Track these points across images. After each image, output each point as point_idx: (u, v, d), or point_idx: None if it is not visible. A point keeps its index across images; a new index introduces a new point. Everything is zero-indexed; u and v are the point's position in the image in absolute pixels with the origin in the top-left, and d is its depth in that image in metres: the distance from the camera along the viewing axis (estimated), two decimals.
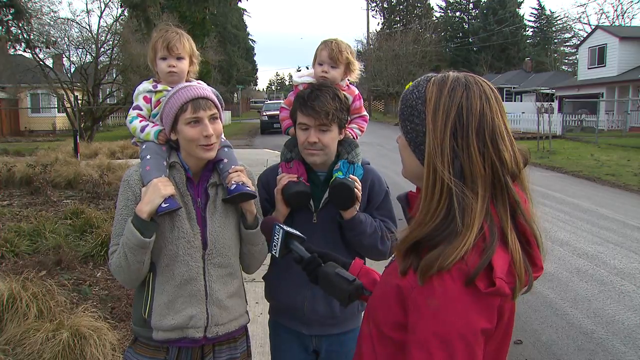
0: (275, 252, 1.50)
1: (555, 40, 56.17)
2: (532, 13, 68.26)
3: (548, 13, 56.60)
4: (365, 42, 51.87)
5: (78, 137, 14.08)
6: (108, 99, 23.49)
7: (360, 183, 1.93)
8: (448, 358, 0.96)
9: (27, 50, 17.91)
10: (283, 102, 2.14)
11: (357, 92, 2.07)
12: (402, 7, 58.46)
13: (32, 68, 20.06)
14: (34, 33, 18.05)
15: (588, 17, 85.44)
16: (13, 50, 18.08)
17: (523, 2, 57.51)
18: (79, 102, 19.49)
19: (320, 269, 1.43)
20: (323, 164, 1.97)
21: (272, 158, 12.73)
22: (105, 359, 3.13)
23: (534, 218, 1.09)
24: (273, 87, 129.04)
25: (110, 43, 20.33)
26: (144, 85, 1.88)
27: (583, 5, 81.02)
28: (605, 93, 27.58)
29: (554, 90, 33.27)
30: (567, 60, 53.99)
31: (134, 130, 1.84)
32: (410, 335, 1.02)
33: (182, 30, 1.90)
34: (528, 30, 56.24)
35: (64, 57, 21.78)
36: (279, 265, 1.97)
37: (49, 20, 19.83)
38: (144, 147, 1.81)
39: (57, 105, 24.24)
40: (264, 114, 27.27)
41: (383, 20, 59.17)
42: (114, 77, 22.43)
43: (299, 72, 2.22)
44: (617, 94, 26.97)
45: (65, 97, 19.41)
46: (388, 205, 2.04)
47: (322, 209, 1.96)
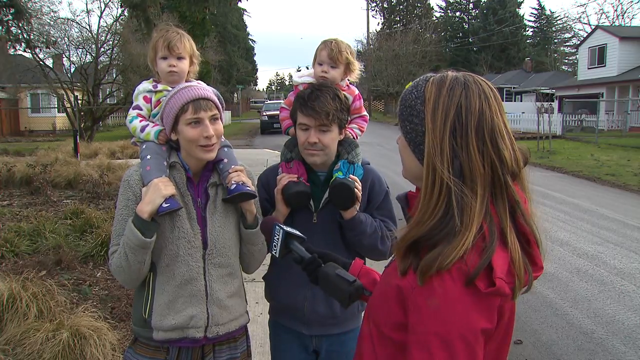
0: (275, 252, 1.50)
1: (555, 40, 56.20)
2: (532, 13, 68.39)
3: (548, 13, 56.71)
4: (365, 42, 51.97)
5: (78, 137, 14.09)
6: (108, 99, 23.50)
7: (361, 183, 1.93)
8: (449, 358, 0.96)
9: (27, 50, 17.95)
10: (283, 102, 2.14)
11: (357, 92, 2.07)
12: (402, 7, 58.47)
13: (32, 68, 20.09)
14: (34, 33, 18.08)
15: (588, 17, 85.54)
16: (13, 50, 18.10)
17: (523, 2, 57.54)
18: (79, 102, 19.48)
19: (321, 270, 1.43)
20: (323, 164, 1.97)
21: (272, 158, 12.73)
22: (105, 359, 3.13)
23: (534, 218, 1.09)
24: (273, 87, 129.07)
25: (110, 43, 20.37)
26: (144, 85, 1.88)
27: (583, 5, 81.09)
28: (605, 93, 27.58)
29: (554, 90, 33.27)
30: (567, 60, 54.02)
31: (134, 130, 1.83)
32: (411, 336, 1.02)
33: (182, 31, 1.91)
34: (528, 30, 56.29)
35: (64, 57, 21.83)
36: (279, 266, 1.96)
37: (49, 20, 19.90)
38: (144, 147, 1.80)
39: (57, 105, 24.24)
40: (264, 114, 27.27)
41: (383, 20, 59.24)
42: (114, 77, 22.44)
43: (299, 72, 2.21)
44: (617, 94, 26.96)
45: (65, 97, 19.42)
46: (388, 205, 2.04)
47: (322, 209, 1.96)
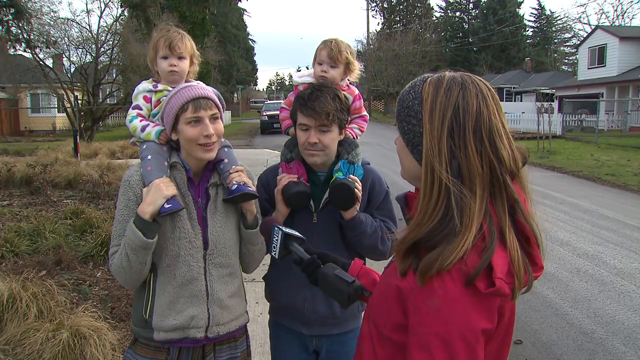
0: (275, 253, 1.50)
1: (555, 40, 56.20)
2: (532, 13, 68.38)
3: (548, 13, 56.71)
4: (365, 42, 51.96)
5: (78, 137, 14.09)
6: (108, 99, 23.51)
7: (361, 183, 1.93)
8: (449, 358, 0.96)
9: (27, 50, 17.96)
10: (283, 102, 2.14)
11: (357, 92, 2.07)
12: (402, 7, 58.48)
13: (32, 68, 20.09)
14: (34, 33, 18.08)
15: (588, 17, 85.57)
16: (13, 50, 18.10)
17: (523, 2, 57.56)
18: (79, 102, 19.48)
19: (320, 271, 1.43)
20: (323, 165, 1.97)
21: (272, 158, 12.72)
22: (105, 359, 3.13)
23: (534, 217, 1.08)
24: (273, 87, 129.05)
25: (110, 43, 20.37)
26: (144, 85, 1.88)
27: (583, 5, 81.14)
28: (605, 93, 27.59)
29: (554, 90, 33.28)
30: (567, 60, 54.01)
31: (134, 130, 1.83)
32: (411, 337, 1.02)
33: (183, 31, 1.91)
34: (528, 30, 56.30)
35: (64, 57, 21.84)
36: (279, 266, 1.96)
37: (49, 20, 19.91)
38: (145, 147, 1.80)
39: (57, 105, 24.23)
40: (264, 114, 27.26)
41: (383, 20, 59.24)
42: (114, 77, 22.45)
43: (299, 72, 2.21)
44: (617, 94, 26.97)
45: (65, 97, 19.42)
46: (388, 205, 2.04)
47: (322, 209, 1.96)
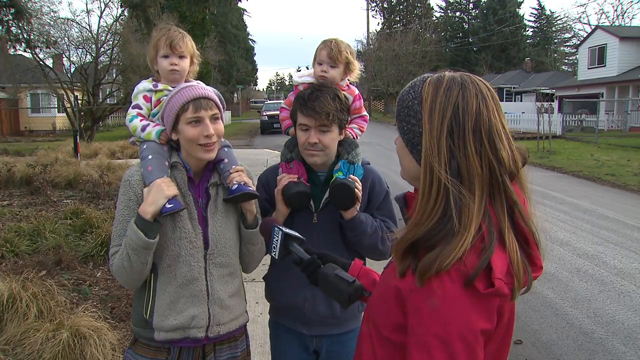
0: (275, 254, 1.50)
1: (555, 40, 56.21)
2: (532, 13, 68.41)
3: (548, 13, 56.72)
4: (365, 42, 51.97)
5: (78, 137, 14.09)
6: (108, 99, 23.51)
7: (361, 183, 1.93)
8: (449, 359, 0.96)
9: (27, 50, 17.96)
10: (283, 102, 2.14)
11: (357, 92, 2.07)
12: (402, 7, 58.48)
13: (32, 68, 20.09)
14: (34, 33, 18.07)
15: (588, 17, 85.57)
16: (13, 50, 18.09)
17: (523, 2, 57.57)
18: (79, 102, 19.48)
19: (320, 271, 1.43)
20: (323, 165, 1.97)
21: (272, 158, 12.73)
22: (105, 359, 3.13)
23: (533, 218, 1.08)
24: (273, 87, 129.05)
25: (110, 43, 20.37)
26: (144, 84, 1.87)
27: (583, 5, 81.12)
28: (605, 93, 27.59)
29: (554, 90, 33.28)
30: (567, 60, 54.03)
31: (134, 130, 1.82)
32: (410, 338, 1.02)
33: (183, 31, 1.91)
34: (528, 30, 56.31)
35: (64, 57, 21.84)
36: (279, 266, 1.96)
37: (49, 20, 19.91)
38: (145, 147, 1.80)
39: (57, 105, 24.24)
40: (264, 114, 27.25)
41: (383, 20, 59.25)
42: (114, 77, 22.44)
43: (299, 72, 2.21)
44: (617, 94, 26.97)
45: (65, 97, 19.42)
46: (388, 205, 2.04)
47: (322, 210, 1.96)
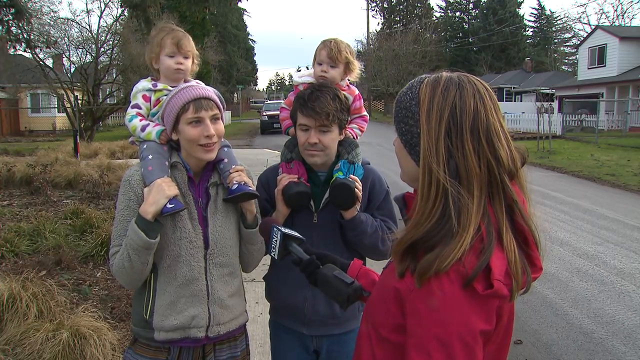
0: (274, 254, 1.50)
1: (555, 40, 56.21)
2: (532, 13, 68.45)
3: (548, 13, 56.73)
4: (365, 42, 51.98)
5: (78, 137, 14.09)
6: (108, 99, 23.51)
7: (361, 183, 1.93)
8: None
9: (27, 50, 17.96)
10: (283, 102, 2.14)
11: (357, 92, 2.07)
12: (402, 7, 58.49)
13: (32, 68, 20.11)
14: (34, 33, 18.07)
15: (588, 17, 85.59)
16: (13, 50, 18.10)
17: (523, 2, 57.55)
18: (79, 102, 19.49)
19: (319, 271, 1.43)
20: (323, 165, 1.97)
21: (272, 158, 12.73)
22: (105, 359, 3.13)
23: (533, 218, 1.08)
24: (273, 87, 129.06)
25: (110, 43, 20.38)
26: (143, 84, 1.86)
27: (583, 5, 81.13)
28: (605, 93, 27.59)
29: (554, 90, 33.28)
30: (567, 60, 54.04)
31: (134, 130, 1.82)
32: (409, 339, 1.02)
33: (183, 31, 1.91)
34: (528, 30, 56.32)
35: (64, 57, 21.85)
36: (280, 266, 1.96)
37: (49, 20, 19.93)
38: (145, 146, 1.79)
39: (57, 105, 24.25)
40: (264, 114, 27.25)
41: (383, 20, 59.27)
42: (114, 77, 22.45)
43: (299, 72, 2.21)
44: (617, 94, 26.97)
45: (65, 97, 19.43)
46: (389, 205, 2.04)
47: (322, 209, 1.96)
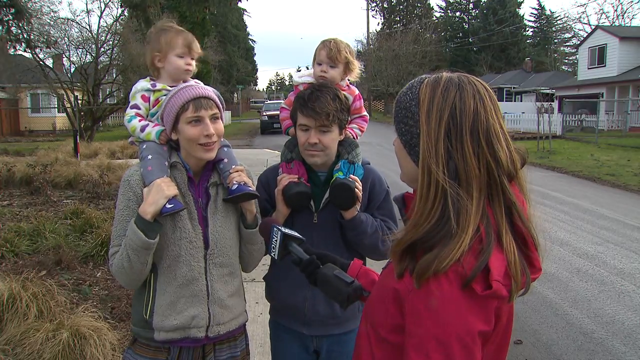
0: (274, 254, 1.50)
1: (555, 40, 56.22)
2: (532, 13, 68.49)
3: (548, 13, 56.73)
4: (365, 42, 51.97)
5: (78, 137, 14.09)
6: (108, 99, 23.52)
7: (361, 183, 1.93)
8: None
9: (27, 50, 17.96)
10: (283, 102, 2.13)
11: (357, 92, 2.06)
12: (402, 7, 58.49)
13: (32, 68, 20.12)
14: (34, 33, 18.07)
15: (588, 17, 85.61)
16: (13, 50, 18.09)
17: (523, 2, 57.54)
18: (79, 102, 19.49)
19: (319, 271, 1.43)
20: (323, 165, 1.97)
21: (272, 158, 12.73)
22: (105, 359, 3.13)
23: (532, 219, 1.08)
24: (273, 87, 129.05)
25: (110, 43, 20.40)
26: (142, 84, 1.85)
27: (583, 5, 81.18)
28: (605, 93, 27.59)
29: (554, 90, 33.29)
30: (567, 60, 54.03)
31: (134, 130, 1.81)
32: (408, 339, 1.02)
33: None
34: (528, 30, 56.32)
35: (64, 57, 21.88)
36: (280, 266, 1.96)
37: (49, 20, 19.94)
38: (145, 146, 1.79)
39: (57, 105, 24.26)
40: (264, 114, 27.25)
41: (383, 20, 59.27)
42: (114, 77, 22.46)
43: (299, 72, 2.21)
44: (617, 94, 26.97)
45: (65, 97, 19.44)
46: (389, 205, 2.04)
47: (322, 210, 1.96)
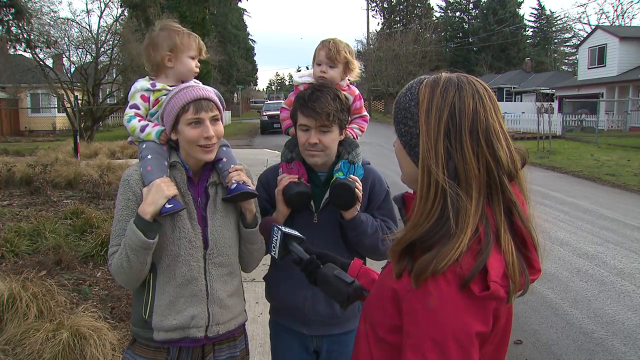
0: (275, 253, 1.50)
1: (555, 40, 56.22)
2: (532, 13, 68.51)
3: (548, 13, 56.74)
4: (365, 42, 51.96)
5: (78, 137, 14.09)
6: (108, 99, 23.53)
7: (361, 183, 1.93)
8: None
9: (27, 50, 17.91)
10: (284, 102, 2.13)
11: (357, 92, 2.06)
12: (402, 7, 58.50)
13: (32, 68, 20.13)
14: (34, 33, 18.05)
15: (588, 17, 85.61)
16: (13, 50, 18.05)
17: (523, 2, 57.54)
18: (79, 102, 19.48)
19: (319, 271, 1.43)
20: (324, 165, 1.97)
21: (272, 158, 12.74)
22: (105, 359, 3.13)
23: (532, 219, 1.07)
24: (273, 87, 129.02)
25: (110, 43, 20.41)
26: (141, 83, 1.83)
27: (583, 5, 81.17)
28: (605, 93, 27.59)
29: (554, 90, 33.29)
30: (567, 60, 54.04)
31: (133, 130, 1.80)
32: (405, 339, 1.01)
33: None
34: (528, 30, 56.34)
35: (64, 57, 21.89)
36: (280, 266, 1.96)
37: (49, 20, 19.94)
38: (144, 146, 1.79)
39: (57, 105, 24.26)
40: (264, 114, 27.26)
41: (383, 20, 59.27)
42: (114, 77, 22.47)
43: (299, 72, 2.21)
44: (617, 94, 26.97)
45: (65, 97, 19.44)
46: (389, 205, 2.04)
47: (322, 210, 1.96)
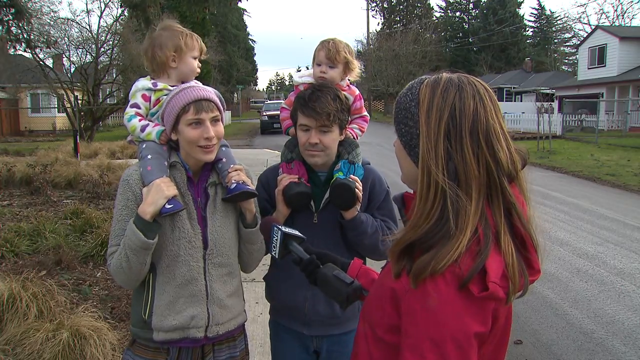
0: (275, 253, 1.50)
1: (555, 40, 56.24)
2: (532, 13, 68.51)
3: (548, 13, 56.75)
4: (365, 42, 51.96)
5: (78, 137, 14.09)
6: (108, 99, 23.54)
7: (361, 183, 1.93)
8: None
9: (27, 50, 17.92)
10: (284, 102, 2.13)
11: (357, 92, 2.06)
12: (402, 7, 58.52)
13: (32, 68, 20.14)
14: (34, 33, 18.05)
15: (588, 17, 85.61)
16: (13, 50, 18.05)
17: (523, 2, 57.54)
18: (79, 102, 19.48)
19: (319, 271, 1.43)
20: (324, 165, 1.97)
21: (272, 158, 12.74)
22: (105, 359, 3.13)
23: (532, 220, 1.07)
24: (273, 87, 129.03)
25: (110, 43, 20.42)
26: (143, 83, 1.83)
27: (583, 5, 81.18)
28: (605, 93, 27.59)
29: (554, 90, 33.29)
30: (567, 60, 54.05)
31: (133, 130, 1.80)
32: (404, 339, 1.01)
33: None
34: (528, 30, 56.36)
35: (64, 57, 21.90)
36: (280, 266, 1.96)
37: (49, 20, 19.95)
38: (144, 146, 1.78)
39: (57, 105, 24.25)
40: (264, 114, 27.27)
41: (383, 20, 59.30)
42: (114, 77, 22.48)
43: (299, 72, 2.21)
44: (617, 94, 26.97)
45: (65, 97, 19.44)
46: (389, 205, 2.04)
47: (322, 210, 1.96)
